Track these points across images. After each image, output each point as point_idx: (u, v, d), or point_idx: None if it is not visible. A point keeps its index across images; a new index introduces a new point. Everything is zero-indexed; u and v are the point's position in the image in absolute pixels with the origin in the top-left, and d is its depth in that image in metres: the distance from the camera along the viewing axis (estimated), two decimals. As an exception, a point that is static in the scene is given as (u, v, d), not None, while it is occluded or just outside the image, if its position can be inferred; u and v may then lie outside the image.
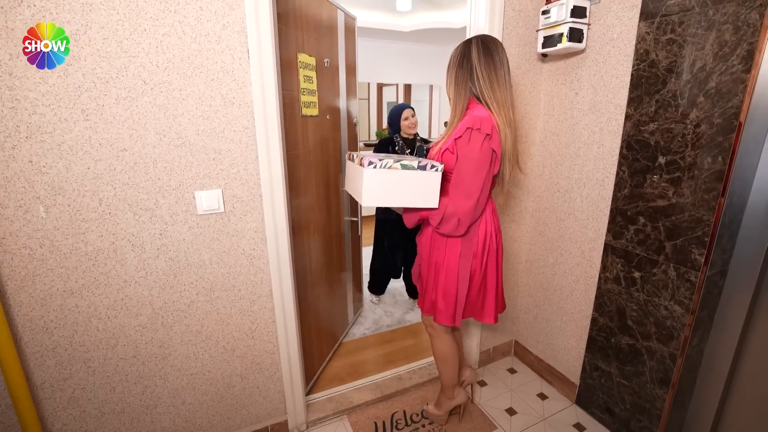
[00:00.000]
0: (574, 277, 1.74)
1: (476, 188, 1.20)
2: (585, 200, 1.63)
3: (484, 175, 1.19)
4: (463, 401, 1.65)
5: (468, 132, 1.18)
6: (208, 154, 1.22)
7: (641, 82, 1.34)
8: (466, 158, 1.19)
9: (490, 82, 1.21)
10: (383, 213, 2.53)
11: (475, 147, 1.17)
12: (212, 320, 1.37)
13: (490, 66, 1.21)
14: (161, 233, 1.22)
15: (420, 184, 1.19)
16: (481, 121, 1.17)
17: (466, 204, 1.20)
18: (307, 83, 1.63)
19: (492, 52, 1.22)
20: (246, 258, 1.36)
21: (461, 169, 1.20)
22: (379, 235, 2.61)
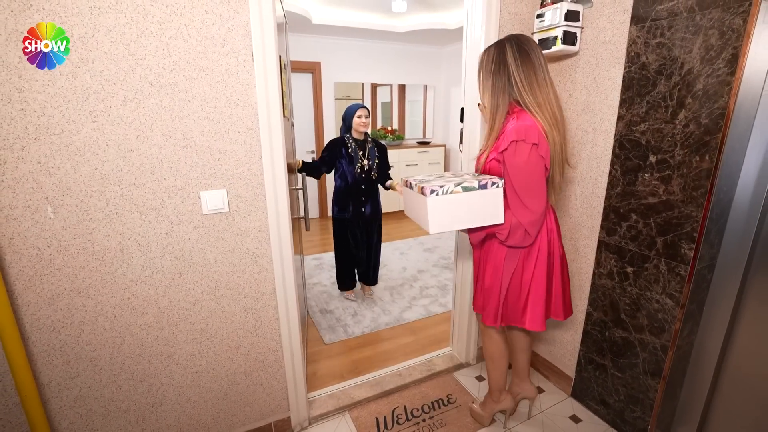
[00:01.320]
0: (569, 273, 1.78)
1: (535, 198, 1.19)
2: (579, 198, 1.68)
3: (539, 184, 1.18)
4: (509, 407, 1.62)
5: (513, 144, 1.16)
6: (213, 154, 1.24)
7: (632, 83, 1.39)
8: (518, 171, 1.17)
9: (530, 86, 1.17)
10: (339, 212, 2.57)
11: (522, 158, 1.15)
12: (217, 318, 1.39)
13: (529, 69, 1.17)
14: (167, 233, 1.24)
15: (483, 203, 1.19)
16: (526, 130, 1.14)
17: (528, 215, 1.20)
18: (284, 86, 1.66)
19: (529, 53, 1.18)
20: (250, 257, 1.38)
21: (515, 181, 1.18)
22: (340, 233, 2.65)
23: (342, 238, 2.64)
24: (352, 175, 2.47)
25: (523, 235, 1.23)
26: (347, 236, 2.63)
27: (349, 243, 2.65)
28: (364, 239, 2.68)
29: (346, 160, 2.46)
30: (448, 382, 1.94)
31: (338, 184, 2.52)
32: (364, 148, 2.51)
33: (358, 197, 2.54)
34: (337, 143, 2.47)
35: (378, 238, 2.75)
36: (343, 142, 2.46)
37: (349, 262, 2.72)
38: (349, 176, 2.47)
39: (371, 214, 2.62)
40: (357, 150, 2.46)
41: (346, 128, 2.49)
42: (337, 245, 2.68)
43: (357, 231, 2.64)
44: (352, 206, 2.54)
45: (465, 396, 1.84)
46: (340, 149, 2.45)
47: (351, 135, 2.49)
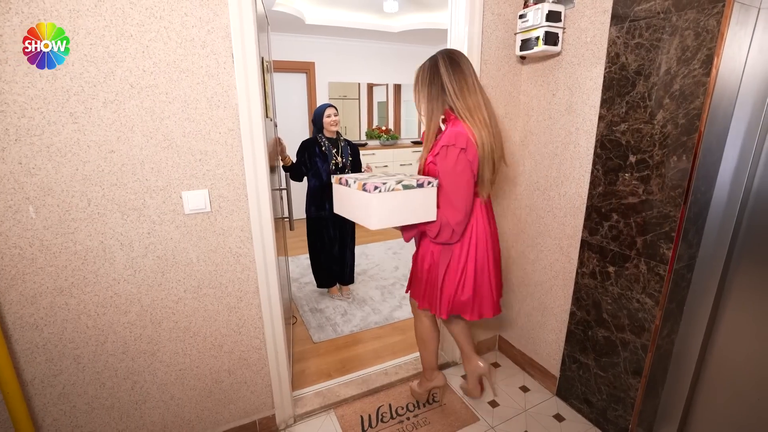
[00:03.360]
0: (553, 272, 1.79)
1: (461, 199, 1.29)
2: (563, 198, 1.69)
3: (466, 186, 1.29)
4: (440, 384, 1.75)
5: (444, 149, 1.28)
6: (195, 155, 1.26)
7: (613, 84, 1.40)
8: (447, 173, 1.29)
9: (461, 92, 1.29)
10: (316, 212, 2.60)
11: (451, 161, 1.27)
12: (200, 317, 1.40)
13: (459, 78, 1.29)
14: (149, 232, 1.25)
15: (420, 200, 1.28)
16: (456, 136, 1.26)
17: (455, 215, 1.31)
18: (267, 86, 1.68)
19: (459, 63, 1.31)
20: (233, 256, 1.40)
21: (445, 182, 1.30)
22: (316, 233, 2.68)
23: (317, 237, 2.67)
24: (326, 173, 2.50)
25: (450, 233, 1.34)
26: (323, 235, 2.66)
27: (324, 242, 2.67)
28: (338, 238, 2.70)
29: (320, 159, 2.49)
30: (434, 381, 1.95)
31: (312, 183, 2.55)
32: (336, 146, 2.55)
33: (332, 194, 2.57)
34: (309, 143, 2.51)
35: (352, 236, 2.78)
36: (315, 141, 2.50)
37: (324, 260, 2.74)
38: (324, 174, 2.49)
39: None
40: (330, 148, 2.50)
41: (317, 129, 2.53)
42: (311, 245, 2.72)
43: (332, 230, 2.66)
44: (329, 204, 2.56)
45: (451, 395, 1.86)
46: (313, 148, 2.48)
47: (323, 135, 2.52)
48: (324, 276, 2.80)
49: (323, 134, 2.52)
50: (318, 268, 2.79)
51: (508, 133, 1.86)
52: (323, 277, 2.81)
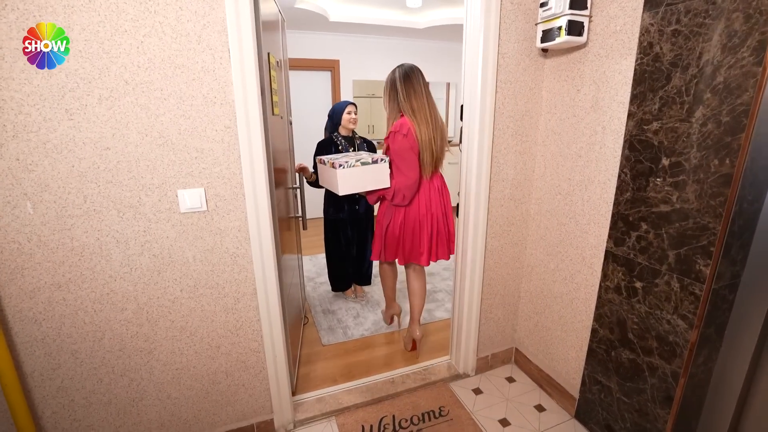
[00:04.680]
0: (574, 284, 1.64)
1: (406, 169, 1.76)
2: (586, 204, 1.54)
3: (409, 160, 1.75)
4: (396, 312, 2.39)
5: (392, 134, 1.77)
6: (190, 153, 1.23)
7: (645, 77, 1.25)
8: (394, 151, 1.77)
9: (409, 97, 1.77)
10: (334, 213, 2.53)
11: (396, 143, 1.75)
12: (196, 317, 1.38)
13: (409, 87, 1.78)
14: (145, 230, 1.24)
15: (375, 173, 1.76)
16: (400, 126, 1.74)
17: (404, 181, 1.77)
18: (274, 83, 1.63)
19: (410, 75, 1.79)
20: (229, 256, 1.37)
21: (393, 157, 1.78)
22: (333, 234, 2.61)
23: (335, 239, 2.62)
24: None
25: (401, 197, 1.79)
26: (340, 237, 2.60)
27: (341, 243, 2.61)
28: (356, 238, 2.64)
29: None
30: (442, 393, 1.85)
31: None
32: (353, 144, 2.47)
33: (352, 195, 2.50)
34: (325, 144, 2.43)
35: (371, 236, 2.71)
36: (332, 141, 2.43)
37: (341, 262, 2.69)
38: None
39: (365, 211, 2.59)
40: (347, 146, 2.43)
41: (333, 125, 2.44)
42: (329, 246, 2.66)
43: (351, 230, 2.60)
44: (347, 205, 2.50)
45: (459, 409, 1.75)
46: (330, 148, 2.41)
47: (339, 133, 2.45)
48: (339, 279, 2.76)
49: (339, 132, 2.46)
50: (334, 271, 2.74)
51: (528, 132, 1.73)
52: (338, 281, 2.77)
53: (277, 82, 1.78)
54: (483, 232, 1.77)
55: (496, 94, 1.60)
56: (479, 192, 1.70)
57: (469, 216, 1.74)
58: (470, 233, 1.76)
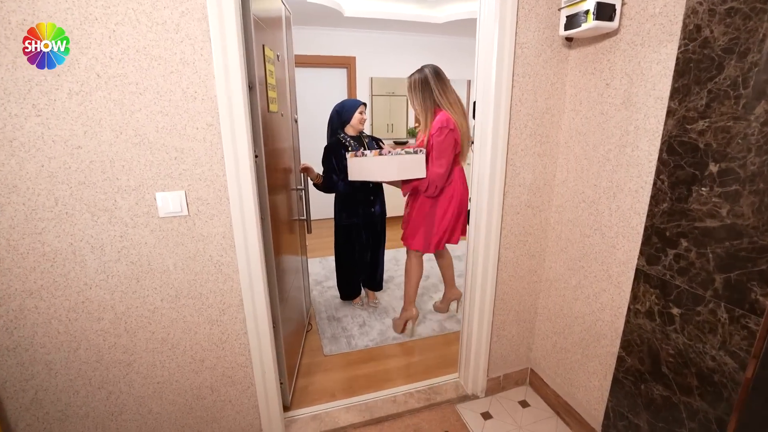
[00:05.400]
0: (599, 304, 1.45)
1: (445, 162, 1.89)
2: (615, 214, 1.35)
3: (449, 154, 1.90)
4: (413, 316, 2.27)
5: (439, 130, 1.87)
6: (169, 152, 1.14)
7: (689, 67, 1.05)
8: (439, 143, 1.88)
9: (444, 92, 1.93)
10: (348, 218, 2.40)
11: (442, 137, 1.87)
12: (178, 328, 1.29)
13: (442, 83, 1.94)
14: (121, 236, 1.16)
15: (413, 162, 1.88)
16: (446, 121, 1.88)
17: (439, 170, 1.89)
18: (271, 78, 1.52)
19: (440, 73, 1.95)
20: (213, 265, 1.27)
21: (435, 152, 1.89)
22: (346, 240, 2.47)
23: (348, 245, 2.48)
24: None
25: (434, 188, 1.93)
26: (353, 243, 2.47)
27: (354, 250, 2.48)
28: (370, 242, 2.51)
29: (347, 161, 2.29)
30: (447, 416, 1.70)
31: (342, 188, 2.34)
32: (362, 144, 2.33)
33: (366, 198, 2.38)
34: (334, 146, 2.29)
35: (384, 239, 2.58)
36: (340, 143, 2.29)
37: (354, 269, 2.57)
38: None
39: (381, 213, 2.46)
40: (357, 147, 2.29)
41: (341, 122, 2.29)
42: (341, 253, 2.52)
43: (365, 234, 2.47)
44: (362, 208, 2.37)
45: (465, 436, 1.59)
46: (340, 150, 2.27)
47: (345, 133, 2.31)
48: (350, 287, 2.64)
49: (345, 132, 2.33)
50: (345, 279, 2.61)
51: (549, 132, 1.55)
52: (349, 289, 2.64)
53: (276, 77, 1.67)
54: (496, 242, 1.60)
55: (512, 89, 1.44)
56: (492, 198, 1.53)
57: (481, 224, 1.58)
58: (482, 243, 1.59)
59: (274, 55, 1.61)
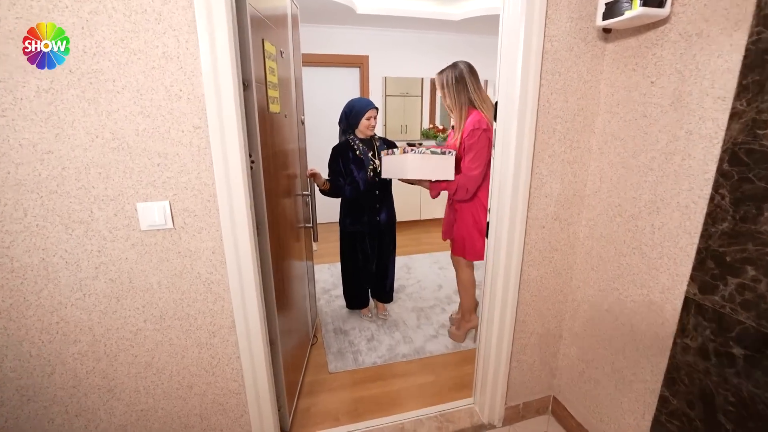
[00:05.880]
0: (637, 333, 1.27)
1: (479, 165, 1.78)
2: (658, 232, 1.17)
3: (483, 156, 1.77)
4: (476, 325, 2.16)
5: (472, 132, 1.78)
6: (151, 158, 1.01)
7: (763, 60, 0.87)
8: (472, 146, 1.78)
9: (478, 89, 1.83)
10: (352, 224, 2.26)
11: (475, 138, 1.77)
12: (164, 352, 1.17)
13: (476, 80, 1.83)
14: (99, 250, 1.04)
15: (441, 163, 1.76)
16: (478, 121, 1.77)
17: (472, 172, 1.79)
18: (272, 76, 1.38)
19: (473, 70, 1.84)
20: (202, 283, 1.14)
21: (468, 153, 1.79)
22: (351, 247, 2.33)
23: (353, 252, 2.34)
24: (363, 181, 2.15)
25: (464, 191, 1.82)
26: (357, 251, 2.33)
27: (358, 258, 2.34)
28: (376, 252, 2.36)
29: (355, 166, 2.14)
30: (461, 450, 1.54)
31: (348, 193, 2.21)
32: (372, 147, 2.18)
33: (372, 204, 2.23)
34: (342, 148, 2.15)
35: (394, 248, 2.44)
36: (348, 146, 2.14)
37: (360, 278, 2.42)
38: (361, 182, 2.15)
39: (387, 222, 2.31)
40: (366, 151, 2.15)
41: (349, 125, 2.15)
42: (346, 261, 2.38)
43: (370, 243, 2.33)
44: (368, 216, 2.23)
45: (480, 474, 1.43)
46: (347, 154, 2.13)
47: (355, 135, 2.17)
48: (356, 297, 2.50)
49: (355, 135, 2.19)
50: (350, 288, 2.48)
51: (580, 137, 1.37)
52: (355, 298, 2.50)
53: (279, 75, 1.54)
54: (518, 258, 1.43)
55: (540, 88, 1.27)
56: (516, 209, 1.37)
57: (502, 238, 1.41)
58: (502, 259, 1.43)
59: (276, 50, 1.48)
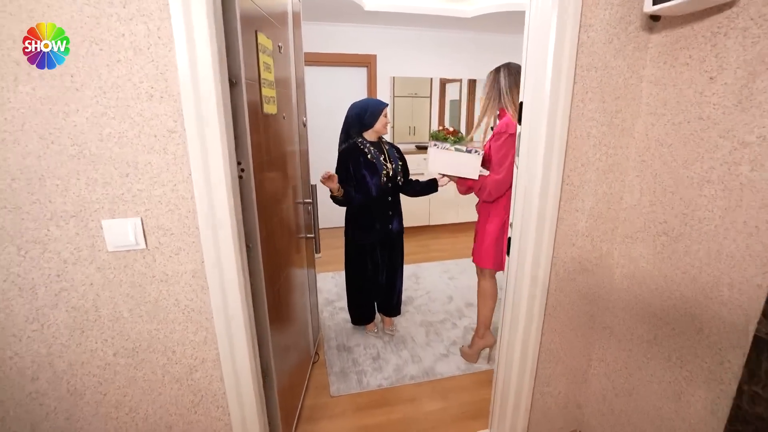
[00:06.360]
0: (685, 372, 1.09)
1: (503, 169, 1.68)
2: (717, 257, 0.99)
3: (507, 160, 1.67)
4: (490, 344, 2.03)
5: (496, 135, 1.73)
6: (119, 168, 0.86)
7: None
8: (496, 150, 1.72)
9: (512, 92, 1.70)
10: (363, 235, 2.09)
11: (499, 143, 1.70)
12: (138, 389, 1.02)
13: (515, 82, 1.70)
14: (58, 275, 0.89)
15: (466, 161, 1.77)
16: (506, 125, 1.68)
17: (495, 177, 1.72)
18: (267, 73, 1.23)
19: (514, 75, 1.71)
20: (181, 311, 0.99)
21: (494, 156, 1.74)
22: (359, 259, 2.16)
23: (362, 265, 2.17)
24: (376, 187, 1.99)
25: (487, 193, 1.75)
26: (367, 263, 2.16)
27: (368, 271, 2.17)
28: (387, 262, 2.20)
29: (368, 171, 1.98)
30: (477, 494, 1.37)
31: (357, 200, 2.03)
32: (382, 151, 2.03)
33: (384, 212, 2.07)
34: (352, 152, 1.98)
35: (402, 258, 2.28)
36: (358, 149, 1.98)
37: (367, 293, 2.26)
38: (373, 188, 1.98)
39: (398, 230, 2.16)
40: (377, 154, 1.99)
41: (362, 127, 1.99)
42: (354, 274, 2.21)
43: (381, 253, 2.16)
44: (379, 224, 2.07)
45: None
46: (358, 158, 1.97)
47: (364, 138, 2.01)
48: (363, 312, 2.33)
49: (365, 138, 2.03)
50: (356, 303, 2.30)
51: (618, 142, 1.20)
52: (361, 314, 2.33)
53: (278, 73, 1.39)
54: (545, 279, 1.26)
55: (573, 86, 1.10)
56: (543, 225, 1.20)
57: (526, 258, 1.24)
58: (526, 282, 1.26)
59: (272, 45, 1.33)
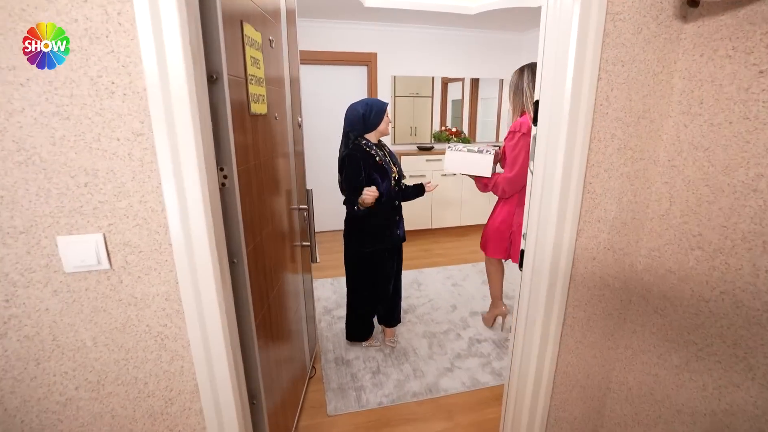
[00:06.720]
0: (723, 404, 0.97)
1: (514, 168, 1.82)
2: (765, 276, 0.86)
3: (519, 159, 1.80)
4: (502, 313, 2.32)
5: (510, 134, 1.86)
6: (75, 176, 0.74)
7: None
8: (509, 149, 1.86)
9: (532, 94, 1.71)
10: (373, 243, 1.97)
11: (513, 142, 1.84)
12: (104, 426, 0.90)
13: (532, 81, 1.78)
14: (7, 299, 0.77)
15: (479, 160, 1.90)
16: (520, 124, 1.81)
17: (507, 175, 1.86)
18: (255, 68, 1.11)
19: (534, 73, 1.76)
20: (153, 338, 0.87)
21: (507, 155, 1.88)
22: (367, 271, 2.03)
23: (370, 274, 2.04)
24: (387, 192, 1.88)
25: (501, 190, 1.92)
26: (377, 274, 2.04)
27: (378, 282, 2.05)
28: (394, 270, 2.09)
29: (379, 175, 1.86)
30: None
31: None
32: (386, 153, 1.95)
33: (393, 217, 1.98)
34: (363, 155, 1.86)
35: (401, 265, 2.19)
36: (367, 153, 1.86)
37: (373, 306, 2.14)
38: (385, 192, 1.87)
39: (403, 235, 2.07)
40: (384, 156, 1.89)
41: (365, 128, 1.87)
42: (363, 288, 2.07)
43: (390, 262, 2.05)
44: (389, 230, 1.96)
45: None
46: (368, 161, 1.85)
47: (368, 140, 1.90)
48: (365, 328, 2.20)
49: (367, 140, 1.90)
50: (358, 319, 2.15)
51: (645, 145, 1.07)
52: (363, 330, 2.20)
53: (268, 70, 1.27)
54: (562, 298, 1.14)
55: (597, 82, 0.98)
56: (561, 237, 1.08)
57: (542, 273, 1.12)
58: (542, 300, 1.13)
59: (261, 37, 1.21)
